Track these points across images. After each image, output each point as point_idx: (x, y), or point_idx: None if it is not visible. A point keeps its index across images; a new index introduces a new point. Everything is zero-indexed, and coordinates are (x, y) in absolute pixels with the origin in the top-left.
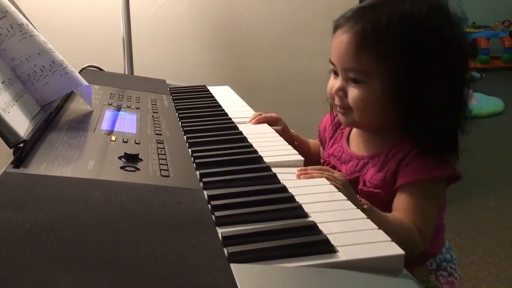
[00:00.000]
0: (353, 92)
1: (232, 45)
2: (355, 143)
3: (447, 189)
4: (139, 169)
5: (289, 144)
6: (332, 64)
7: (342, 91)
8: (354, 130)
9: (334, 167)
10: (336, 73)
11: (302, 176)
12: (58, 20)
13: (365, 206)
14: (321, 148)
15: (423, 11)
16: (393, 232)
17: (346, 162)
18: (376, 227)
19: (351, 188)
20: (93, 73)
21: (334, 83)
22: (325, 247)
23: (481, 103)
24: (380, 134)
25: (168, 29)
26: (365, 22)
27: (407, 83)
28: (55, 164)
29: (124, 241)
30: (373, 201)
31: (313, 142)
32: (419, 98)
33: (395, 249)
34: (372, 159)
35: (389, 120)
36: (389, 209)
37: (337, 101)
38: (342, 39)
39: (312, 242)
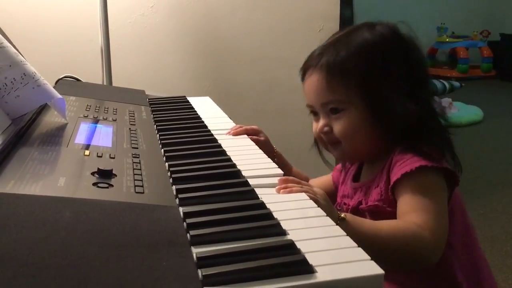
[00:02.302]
0: (337, 124)
1: (213, 55)
2: (361, 176)
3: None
4: (112, 186)
5: (269, 156)
6: (310, 106)
7: (327, 126)
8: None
9: (344, 204)
10: (315, 114)
11: (281, 191)
12: (34, 29)
13: (343, 215)
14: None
15: (376, 35)
16: (387, 237)
17: (353, 195)
18: (355, 244)
19: (330, 201)
20: (70, 83)
21: (317, 124)
22: (303, 267)
23: (461, 112)
24: (375, 160)
25: (148, 39)
26: (328, 56)
27: (378, 103)
28: (24, 181)
29: (92, 265)
30: (375, 216)
31: (299, 172)
32: (393, 114)
33: (374, 269)
34: (372, 182)
35: (377, 142)
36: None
37: (324, 138)
38: (312, 79)
39: (289, 262)
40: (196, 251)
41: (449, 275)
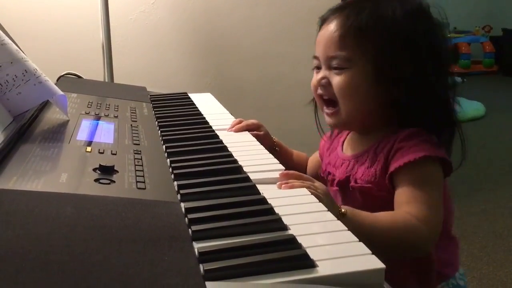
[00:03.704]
0: (336, 79)
1: (214, 51)
2: (348, 147)
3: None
4: (114, 182)
5: (270, 151)
6: (316, 58)
7: (326, 79)
8: (349, 136)
9: (329, 173)
10: (319, 68)
11: (283, 186)
12: (35, 26)
13: (343, 211)
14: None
15: (406, 9)
16: (386, 230)
17: (340, 166)
18: (356, 239)
19: (331, 196)
20: (72, 80)
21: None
22: (304, 261)
23: (463, 107)
24: (368, 133)
25: (149, 35)
26: (350, 11)
27: (390, 71)
28: (26, 177)
29: (94, 260)
30: (366, 197)
31: (298, 153)
32: (402, 82)
33: (375, 263)
34: (361, 156)
35: (374, 113)
36: (385, 207)
37: (320, 91)
38: (327, 29)
39: (291, 257)
40: (197, 246)
41: (427, 258)
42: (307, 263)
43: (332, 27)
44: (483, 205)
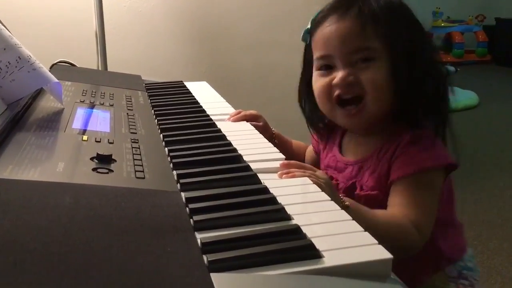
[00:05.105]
0: (367, 73)
1: (209, 39)
2: (348, 149)
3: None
4: (112, 171)
5: (269, 141)
6: (323, 58)
7: (352, 76)
8: (345, 137)
9: (332, 178)
10: (329, 67)
11: (284, 175)
12: (27, 13)
13: (347, 203)
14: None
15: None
16: (382, 228)
17: (342, 170)
18: (362, 229)
19: (333, 186)
20: (65, 68)
21: (330, 77)
22: (310, 252)
23: (457, 96)
24: (370, 135)
25: (143, 23)
26: (360, 5)
27: (405, 63)
28: (22, 167)
29: (95, 251)
30: (372, 204)
31: (297, 143)
32: (414, 76)
33: (383, 253)
34: (365, 162)
35: (388, 108)
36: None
37: (340, 91)
38: (339, 25)
39: (296, 247)
40: (200, 236)
41: (433, 245)
42: (312, 253)
43: (346, 21)
44: (477, 194)
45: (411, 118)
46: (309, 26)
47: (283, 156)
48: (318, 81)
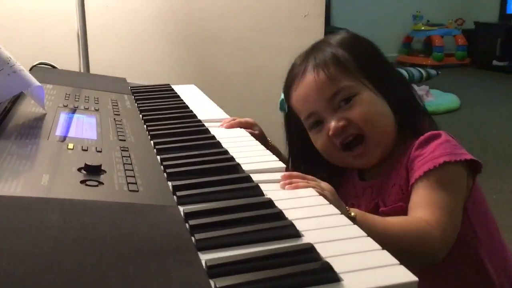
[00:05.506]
0: (354, 110)
1: (195, 41)
2: (365, 173)
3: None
4: (102, 183)
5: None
6: (310, 116)
7: (343, 120)
8: None
9: (352, 205)
10: (319, 122)
11: (286, 186)
12: (5, 12)
13: (353, 214)
14: None
15: (345, 34)
16: (398, 234)
17: (362, 195)
18: (379, 247)
19: (338, 197)
20: (45, 71)
21: (325, 131)
22: (327, 274)
23: (438, 99)
24: (386, 158)
25: (126, 23)
26: (314, 57)
27: (383, 83)
28: (2, 179)
29: (89, 279)
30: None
31: None
32: (397, 94)
33: (406, 275)
34: (384, 180)
35: (394, 128)
36: None
37: (341, 138)
38: (306, 82)
39: (312, 270)
40: (205, 258)
41: (480, 267)
42: (330, 276)
43: (311, 77)
44: None
45: (411, 127)
46: (282, 96)
47: (284, 166)
48: (318, 140)
